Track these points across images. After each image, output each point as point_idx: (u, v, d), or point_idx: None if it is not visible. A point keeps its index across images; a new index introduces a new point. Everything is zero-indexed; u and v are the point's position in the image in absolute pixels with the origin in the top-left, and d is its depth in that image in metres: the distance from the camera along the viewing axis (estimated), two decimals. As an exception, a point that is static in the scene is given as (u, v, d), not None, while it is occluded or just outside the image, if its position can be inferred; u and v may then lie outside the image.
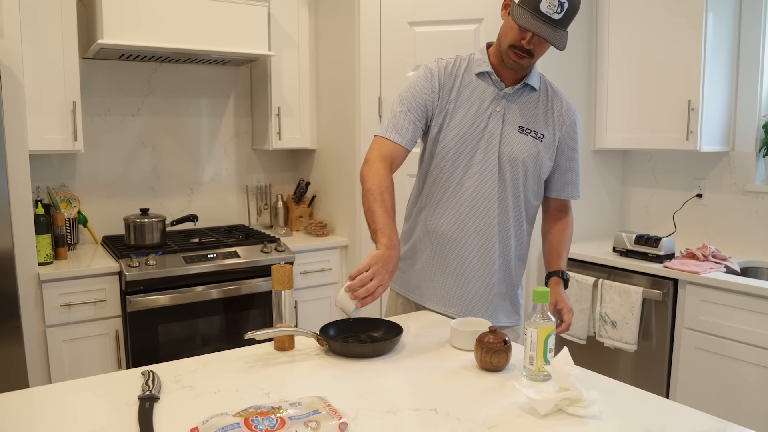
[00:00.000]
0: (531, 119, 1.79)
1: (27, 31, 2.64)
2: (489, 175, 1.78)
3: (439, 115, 1.80)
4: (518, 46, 1.67)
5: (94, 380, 1.43)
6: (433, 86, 1.79)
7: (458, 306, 1.87)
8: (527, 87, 1.79)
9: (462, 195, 1.80)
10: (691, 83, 2.73)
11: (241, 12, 3.00)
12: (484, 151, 1.77)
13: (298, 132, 3.42)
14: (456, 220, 1.82)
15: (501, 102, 1.78)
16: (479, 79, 1.79)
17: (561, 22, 1.60)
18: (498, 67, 1.78)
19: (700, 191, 3.04)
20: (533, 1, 1.59)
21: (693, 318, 2.49)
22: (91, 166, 3.18)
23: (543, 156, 1.81)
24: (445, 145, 1.80)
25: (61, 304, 2.57)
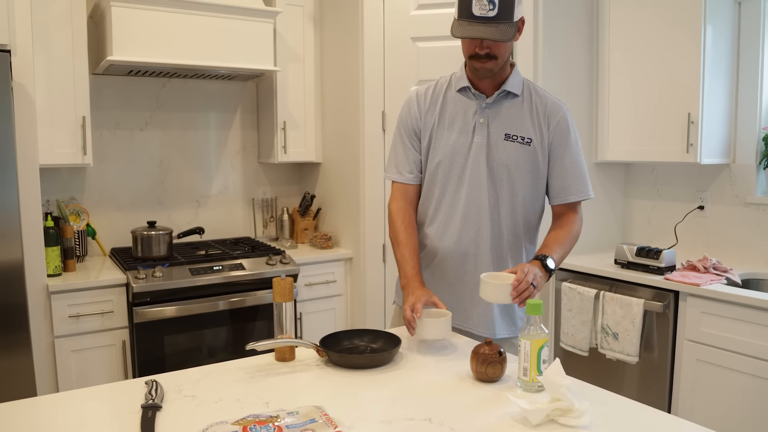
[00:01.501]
0: (516, 125, 1.79)
1: (39, 48, 2.71)
2: (479, 186, 1.80)
3: (425, 135, 1.86)
4: (475, 55, 1.71)
5: (99, 389, 1.47)
6: (414, 112, 1.88)
7: (458, 317, 1.89)
8: (507, 94, 1.81)
9: (454, 208, 1.84)
10: (691, 96, 2.76)
11: (247, 28, 3.06)
12: (473, 163, 1.80)
13: (304, 146, 3.47)
14: (450, 233, 1.85)
15: (484, 113, 1.80)
16: (461, 94, 1.84)
17: (499, 16, 1.61)
18: (475, 80, 1.81)
19: (701, 203, 3.06)
20: (466, 8, 1.63)
21: (694, 330, 2.51)
22: (100, 179, 3.24)
23: (534, 160, 1.80)
24: (434, 162, 1.85)
25: (69, 315, 2.61)
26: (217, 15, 2.97)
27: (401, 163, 1.90)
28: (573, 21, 3.08)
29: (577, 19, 3.09)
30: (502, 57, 1.72)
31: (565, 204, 1.85)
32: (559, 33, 3.01)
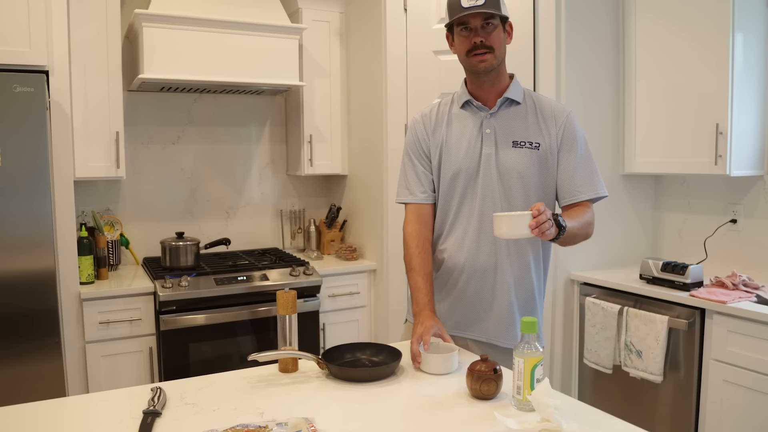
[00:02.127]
0: (522, 131, 1.81)
1: (76, 68, 2.84)
2: (493, 196, 1.81)
3: (435, 153, 1.89)
4: (472, 47, 1.75)
5: (109, 394, 1.54)
6: (421, 133, 1.91)
7: (477, 330, 1.89)
8: (510, 102, 1.84)
9: (470, 221, 1.84)
10: (719, 106, 2.69)
11: (272, 45, 3.13)
12: (484, 174, 1.81)
13: (330, 158, 3.52)
14: (467, 246, 1.85)
15: (489, 123, 1.83)
16: (464, 110, 1.88)
17: (488, 4, 1.70)
18: (477, 93, 1.85)
19: (734, 216, 2.97)
20: (456, 4, 1.73)
21: (721, 349, 2.43)
22: (134, 191, 3.36)
23: (544, 164, 1.81)
24: (447, 177, 1.86)
25: (100, 322, 2.72)
26: (244, 33, 3.06)
27: (413, 184, 1.92)
28: (596, 31, 3.04)
29: (600, 29, 3.06)
30: (498, 49, 1.77)
31: (575, 203, 1.81)
32: (581, 43, 2.99)
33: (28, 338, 2.45)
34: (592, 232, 1.80)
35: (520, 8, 2.91)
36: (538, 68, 2.92)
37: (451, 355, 1.66)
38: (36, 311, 2.46)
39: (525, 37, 2.91)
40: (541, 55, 2.91)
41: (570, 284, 3.04)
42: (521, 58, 2.92)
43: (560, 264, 3.00)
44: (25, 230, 2.44)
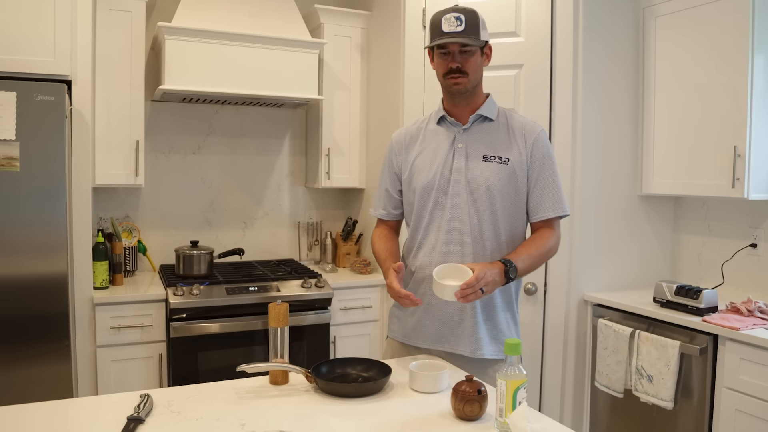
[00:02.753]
0: (493, 146, 1.88)
1: (100, 78, 2.93)
2: (461, 208, 1.87)
3: (406, 168, 1.97)
4: (449, 71, 1.84)
5: (101, 399, 1.58)
6: (393, 151, 2.03)
7: (446, 342, 1.92)
8: (483, 119, 1.91)
9: (439, 232, 1.89)
10: (737, 129, 2.62)
11: (292, 59, 3.18)
12: (454, 186, 1.88)
13: (347, 172, 3.54)
14: (437, 256, 1.89)
15: (461, 138, 1.90)
16: (440, 126, 1.96)
17: (467, 30, 1.79)
18: (452, 110, 1.93)
19: (754, 241, 2.89)
20: (436, 28, 1.82)
21: (733, 377, 2.36)
22: (154, 199, 3.43)
23: (514, 179, 1.86)
24: (418, 190, 1.93)
25: (111, 327, 2.77)
26: (264, 46, 3.12)
27: (379, 201, 2.07)
28: (615, 48, 3.01)
29: (620, 47, 3.02)
30: (473, 74, 1.85)
31: (542, 221, 1.90)
32: (600, 59, 2.95)
33: (39, 341, 2.51)
34: (554, 253, 1.92)
35: (538, 23, 2.89)
36: (555, 87, 2.89)
37: (440, 374, 1.65)
38: (47, 314, 2.52)
39: (542, 55, 2.89)
40: (558, 74, 2.89)
41: (583, 305, 2.99)
42: (537, 77, 2.90)
43: (573, 284, 2.96)
44: (41, 234, 2.51)
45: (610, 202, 3.05)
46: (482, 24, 1.84)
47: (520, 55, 2.92)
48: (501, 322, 1.93)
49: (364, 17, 3.51)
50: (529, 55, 2.90)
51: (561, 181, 1.93)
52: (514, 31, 2.92)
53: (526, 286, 2.95)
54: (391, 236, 2.05)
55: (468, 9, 1.83)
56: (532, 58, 2.90)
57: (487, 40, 1.89)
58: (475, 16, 1.82)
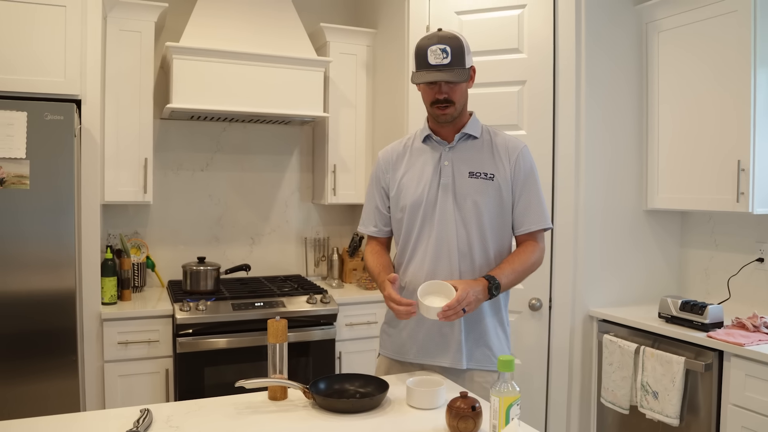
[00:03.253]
0: (478, 163, 1.92)
1: (110, 97, 3.00)
2: (448, 223, 1.91)
3: (394, 186, 2.01)
4: (435, 101, 1.87)
5: (102, 414, 1.60)
6: (380, 169, 2.07)
7: (436, 355, 1.94)
8: (468, 137, 1.95)
9: (428, 247, 1.93)
10: (741, 143, 2.62)
11: (298, 77, 3.23)
12: (441, 202, 1.91)
13: (353, 188, 3.57)
14: (426, 270, 1.92)
15: (447, 156, 1.94)
16: (426, 144, 2.00)
17: (452, 63, 1.81)
18: (437, 129, 1.97)
19: (761, 255, 2.86)
20: (422, 60, 1.83)
21: (739, 394, 2.33)
22: (163, 215, 3.48)
23: (499, 194, 1.91)
24: (406, 207, 1.97)
25: (119, 342, 2.81)
26: (271, 65, 3.17)
27: (367, 218, 2.10)
28: (618, 65, 3.02)
29: (623, 62, 3.03)
30: (459, 102, 1.88)
31: (525, 234, 1.95)
32: (603, 75, 2.96)
33: (47, 356, 2.55)
34: (539, 266, 1.96)
35: (541, 40, 2.91)
36: (558, 103, 2.90)
37: (437, 390, 1.66)
38: (55, 329, 2.56)
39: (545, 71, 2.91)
40: (561, 90, 2.90)
41: (589, 321, 2.98)
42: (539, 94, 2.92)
43: (579, 300, 2.95)
44: (49, 250, 2.56)
45: (615, 217, 3.04)
46: (467, 50, 1.85)
47: (523, 72, 2.94)
48: (491, 336, 1.94)
49: (370, 35, 3.56)
50: (532, 71, 2.92)
51: (544, 195, 1.98)
52: (516, 47, 2.94)
53: (531, 301, 2.95)
54: (383, 252, 2.08)
55: (452, 38, 1.83)
56: (535, 75, 2.92)
57: (472, 64, 1.91)
58: (460, 45, 1.83)
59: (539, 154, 2.92)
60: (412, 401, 1.66)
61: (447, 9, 3.05)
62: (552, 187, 2.93)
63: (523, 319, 2.98)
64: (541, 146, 2.92)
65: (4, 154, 2.51)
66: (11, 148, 2.53)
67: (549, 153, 2.92)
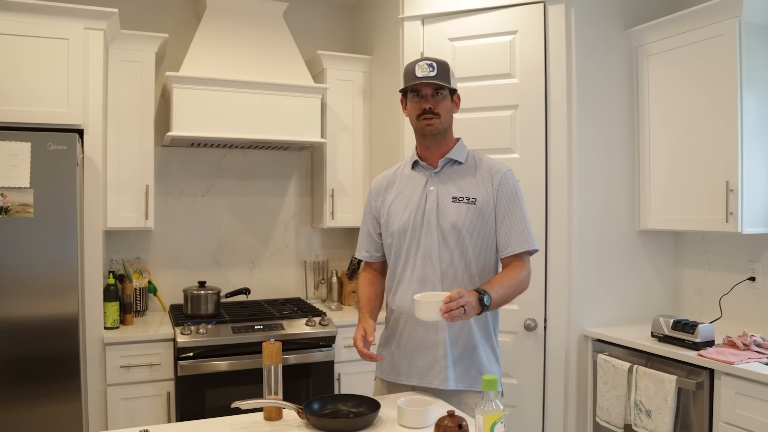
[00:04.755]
0: (461, 188, 1.99)
1: (111, 126, 3.08)
2: (432, 247, 1.97)
3: (384, 212, 2.08)
4: (422, 112, 1.95)
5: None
6: (372, 197, 2.16)
7: (432, 376, 1.98)
8: (453, 162, 2.03)
9: (414, 271, 1.99)
10: (729, 163, 2.67)
11: (296, 103, 3.31)
12: (426, 227, 1.98)
13: (351, 212, 3.63)
14: (410, 295, 1.96)
15: (433, 181, 2.02)
16: (414, 171, 2.08)
17: (439, 75, 1.92)
18: (424, 155, 2.04)
19: (752, 274, 2.90)
20: (410, 76, 1.94)
21: (730, 412, 2.36)
22: (164, 240, 3.55)
23: (481, 218, 1.96)
24: (394, 233, 2.03)
25: (121, 366, 2.86)
26: (269, 93, 3.25)
27: (362, 244, 2.19)
28: (609, 88, 3.08)
29: (614, 86, 3.10)
30: (444, 116, 1.97)
31: (510, 256, 1.98)
32: (594, 100, 3.02)
33: (50, 380, 2.60)
34: (526, 287, 1.98)
35: (533, 65, 2.98)
36: (550, 126, 2.97)
37: (427, 409, 1.70)
38: (58, 354, 2.62)
39: (537, 96, 2.98)
40: (553, 113, 2.96)
41: (584, 340, 3.02)
42: (532, 117, 2.99)
43: (573, 320, 2.99)
44: (53, 276, 2.62)
45: (609, 238, 3.09)
46: (452, 74, 1.98)
47: (515, 96, 3.01)
48: (481, 357, 1.99)
49: (366, 61, 3.64)
50: (524, 95, 2.99)
51: (529, 218, 2.02)
52: (509, 72, 3.02)
53: (526, 322, 2.99)
54: (374, 280, 2.17)
55: (440, 60, 1.96)
56: (528, 99, 2.99)
57: (456, 89, 2.01)
58: (446, 66, 1.96)
59: (532, 177, 2.98)
60: (402, 420, 1.70)
61: (440, 35, 3.13)
62: (545, 209, 2.98)
63: (519, 340, 3.02)
64: (534, 169, 2.98)
65: (9, 184, 2.58)
66: (16, 178, 2.61)
67: (542, 176, 2.98)
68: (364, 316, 2.04)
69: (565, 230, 2.96)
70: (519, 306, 3.01)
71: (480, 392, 1.96)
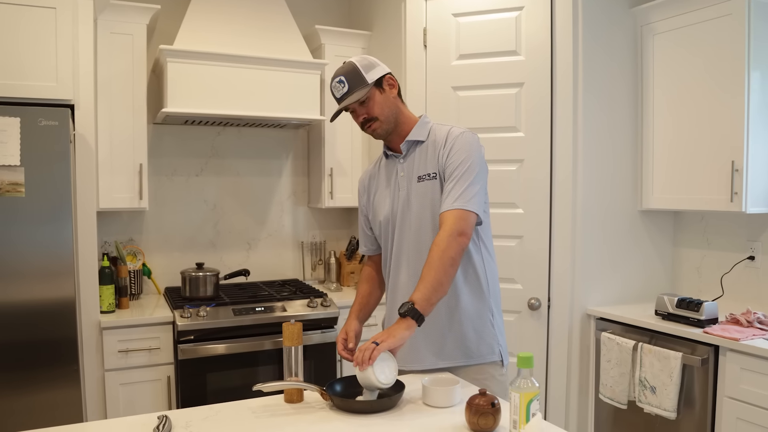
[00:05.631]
0: (423, 166, 1.96)
1: (102, 102, 2.97)
2: (406, 231, 1.97)
3: (369, 207, 2.13)
4: (360, 124, 1.97)
5: (115, 422, 1.59)
6: (359, 193, 2.17)
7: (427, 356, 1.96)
8: (415, 143, 1.99)
9: (397, 259, 1.99)
10: (735, 144, 2.68)
11: (294, 80, 3.23)
12: (401, 213, 1.97)
13: (350, 191, 3.58)
14: (399, 282, 1.98)
15: (401, 167, 2.00)
16: (387, 160, 2.07)
17: (351, 88, 1.88)
18: (390, 144, 2.03)
19: (752, 253, 2.93)
20: (334, 96, 1.94)
21: (734, 387, 2.39)
22: (158, 222, 3.46)
23: (440, 189, 1.91)
24: (378, 224, 2.06)
25: (119, 350, 2.79)
26: (267, 68, 3.16)
27: (362, 240, 2.19)
28: (615, 67, 3.07)
29: (619, 65, 3.08)
30: (381, 114, 1.92)
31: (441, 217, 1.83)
32: (600, 79, 3.01)
33: (48, 366, 2.52)
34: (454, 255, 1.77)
35: (539, 42, 2.95)
36: (556, 104, 2.95)
37: (453, 389, 1.68)
38: (56, 339, 2.53)
39: (543, 73, 2.95)
40: (559, 91, 2.94)
41: (586, 319, 3.03)
42: (537, 95, 2.96)
43: (577, 299, 2.99)
44: (47, 259, 2.53)
45: (611, 217, 3.10)
46: (364, 69, 1.89)
47: (521, 74, 2.98)
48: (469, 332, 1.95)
49: (365, 37, 3.57)
50: (530, 73, 2.96)
51: (478, 182, 1.85)
52: (514, 50, 2.98)
53: (530, 301, 2.99)
54: (370, 276, 2.17)
55: (347, 66, 1.91)
56: (533, 77, 2.96)
57: (382, 75, 1.92)
58: (353, 68, 1.89)
59: (537, 156, 2.96)
60: (428, 400, 1.67)
61: (444, 11, 3.08)
62: (550, 188, 2.97)
63: (522, 319, 3.02)
64: (539, 148, 2.96)
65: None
66: (5, 155, 2.49)
67: (547, 155, 2.96)
68: (351, 318, 2.07)
69: (569, 210, 2.95)
70: (523, 285, 3.01)
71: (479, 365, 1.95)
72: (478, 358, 1.95)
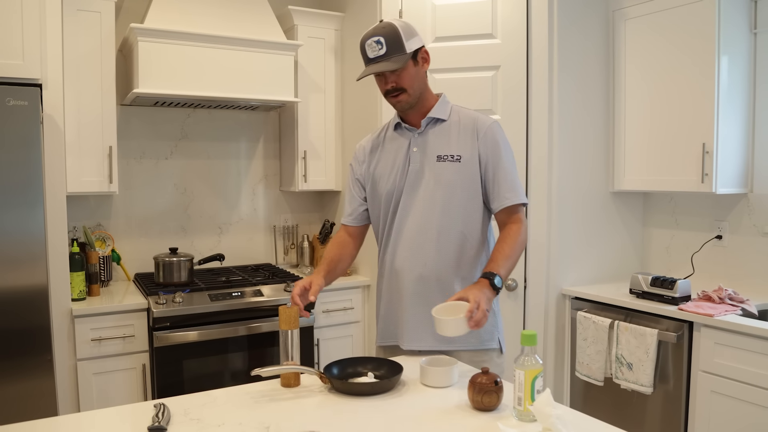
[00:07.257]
0: (445, 146, 1.92)
1: (69, 82, 2.84)
2: (419, 209, 1.92)
3: (368, 176, 2.03)
4: (386, 92, 1.90)
5: (111, 411, 1.54)
6: (359, 161, 2.08)
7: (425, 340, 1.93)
8: (436, 120, 1.95)
9: (399, 234, 1.95)
10: (705, 126, 2.76)
11: (268, 61, 3.16)
12: (410, 188, 1.93)
13: (324, 174, 3.54)
14: (399, 257, 1.94)
15: (416, 142, 1.95)
16: (397, 132, 2.01)
17: (389, 52, 1.82)
18: (406, 117, 1.98)
19: (719, 233, 3.04)
20: (364, 56, 1.88)
21: (708, 361, 2.48)
22: (126, 206, 3.35)
23: (467, 175, 1.90)
24: (379, 194, 1.99)
25: (92, 339, 2.70)
26: (240, 48, 3.09)
27: (347, 208, 2.12)
28: (589, 51, 3.11)
29: (593, 49, 3.13)
30: (410, 87, 1.88)
31: (503, 211, 1.91)
32: (575, 62, 3.05)
33: (20, 356, 2.42)
34: (525, 243, 1.92)
35: (514, 25, 2.96)
36: (531, 87, 2.97)
37: (451, 368, 1.69)
38: (28, 328, 2.44)
39: (519, 57, 2.97)
40: (534, 74, 2.97)
41: (562, 299, 3.09)
42: (514, 78, 2.98)
43: (552, 279, 3.05)
44: (18, 246, 2.42)
45: (585, 199, 3.15)
46: (405, 35, 1.84)
47: (496, 57, 2.99)
48: None
49: (338, 19, 3.52)
50: (506, 56, 2.97)
51: (517, 172, 1.95)
52: (490, 32, 2.98)
53: (507, 282, 3.02)
54: (346, 243, 2.08)
55: (387, 26, 1.84)
56: (509, 60, 2.98)
57: (419, 47, 1.88)
58: (395, 32, 1.83)
59: (513, 138, 2.97)
60: (427, 380, 1.68)
61: (419, -6, 3.06)
62: (526, 170, 3.00)
63: (500, 300, 3.04)
64: (515, 130, 2.98)
65: (-35, 143, 2.35)
66: (-32, 137, 2.38)
67: (522, 136, 2.99)
68: (318, 272, 1.97)
69: (544, 192, 2.99)
70: (500, 267, 3.04)
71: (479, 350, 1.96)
72: (478, 344, 1.95)
